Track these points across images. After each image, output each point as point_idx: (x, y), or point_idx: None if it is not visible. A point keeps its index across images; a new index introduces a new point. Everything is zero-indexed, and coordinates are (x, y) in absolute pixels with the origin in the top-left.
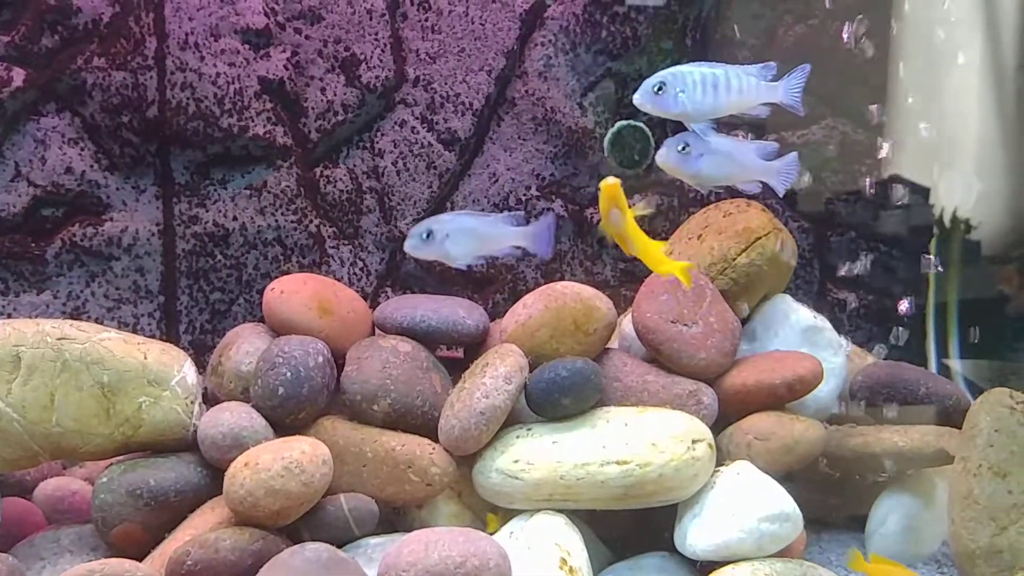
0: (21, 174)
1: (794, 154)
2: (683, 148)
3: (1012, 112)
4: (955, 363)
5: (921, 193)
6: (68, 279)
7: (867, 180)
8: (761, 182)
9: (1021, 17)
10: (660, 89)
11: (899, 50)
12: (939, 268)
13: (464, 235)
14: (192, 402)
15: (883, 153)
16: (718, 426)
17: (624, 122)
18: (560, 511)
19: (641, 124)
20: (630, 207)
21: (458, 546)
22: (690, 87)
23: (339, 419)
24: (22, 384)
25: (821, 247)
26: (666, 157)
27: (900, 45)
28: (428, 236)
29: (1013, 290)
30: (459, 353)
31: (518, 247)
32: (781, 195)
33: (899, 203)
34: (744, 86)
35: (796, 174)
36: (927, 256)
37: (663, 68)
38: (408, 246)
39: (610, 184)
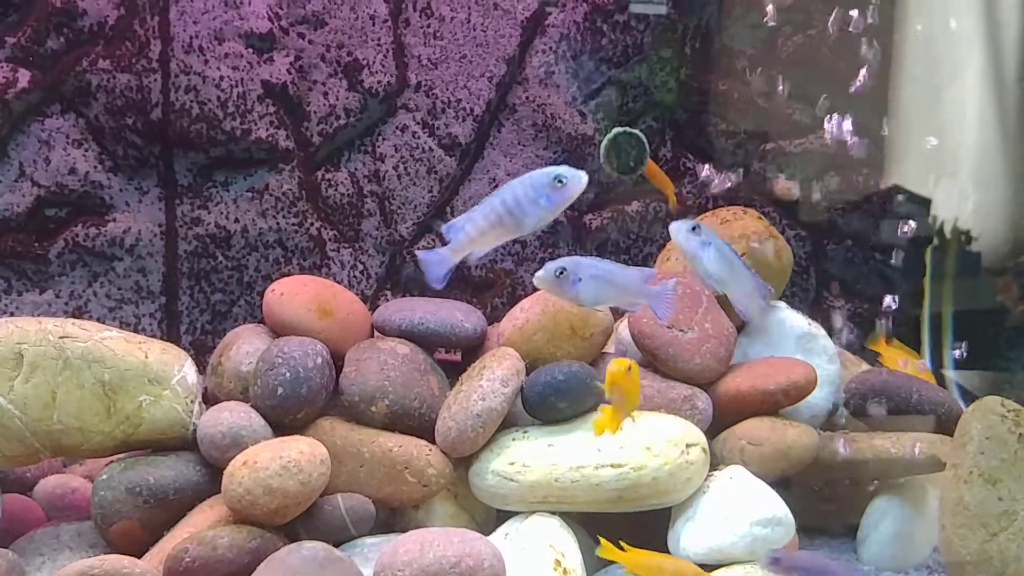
0: (25, 174)
1: (673, 281)
2: (560, 273)
3: (1013, 123)
4: (950, 372)
5: (919, 203)
6: (70, 279)
7: (865, 189)
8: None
9: (1022, 29)
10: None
11: (900, 60)
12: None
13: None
14: (192, 401)
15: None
16: (712, 431)
17: (620, 128)
18: (555, 513)
19: (637, 131)
20: None
21: (453, 546)
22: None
23: (337, 420)
24: (24, 381)
25: (818, 255)
26: (543, 280)
27: (901, 56)
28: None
29: (1011, 301)
30: (457, 356)
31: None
32: (663, 321)
33: (897, 213)
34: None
35: (674, 300)
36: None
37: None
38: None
39: (614, 370)
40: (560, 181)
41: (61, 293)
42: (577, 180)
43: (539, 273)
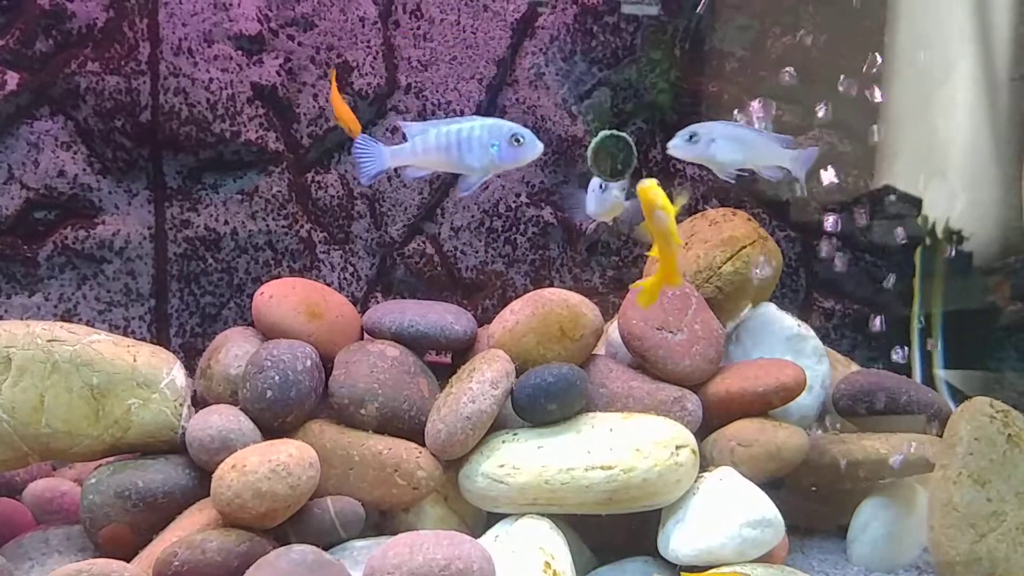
0: (14, 177)
1: (814, 149)
2: (691, 137)
3: (1004, 124)
4: (939, 372)
5: (909, 204)
6: (60, 281)
7: (855, 190)
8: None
9: (1016, 29)
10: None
11: (891, 61)
12: None
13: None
14: (181, 404)
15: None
16: (702, 432)
17: (607, 132)
18: (545, 515)
19: (624, 134)
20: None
21: (443, 549)
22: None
23: (327, 422)
24: (12, 385)
25: (807, 256)
26: (676, 147)
27: (892, 56)
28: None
29: (1002, 301)
30: (447, 358)
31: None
32: (801, 178)
33: (887, 214)
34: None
35: (812, 163)
36: None
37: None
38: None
39: (645, 186)
40: (517, 140)
41: (50, 296)
42: (532, 147)
43: (672, 141)
